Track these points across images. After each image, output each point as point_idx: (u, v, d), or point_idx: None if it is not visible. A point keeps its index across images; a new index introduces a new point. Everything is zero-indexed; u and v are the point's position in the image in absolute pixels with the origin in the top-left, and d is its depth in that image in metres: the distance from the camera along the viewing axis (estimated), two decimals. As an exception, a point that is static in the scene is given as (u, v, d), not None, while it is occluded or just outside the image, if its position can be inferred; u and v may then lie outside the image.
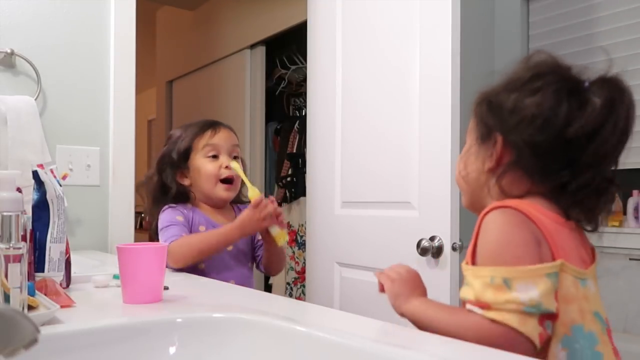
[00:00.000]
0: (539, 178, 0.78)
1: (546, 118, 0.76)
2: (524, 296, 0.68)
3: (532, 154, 0.77)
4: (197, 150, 1.43)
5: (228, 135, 1.47)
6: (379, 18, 1.72)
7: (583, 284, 0.75)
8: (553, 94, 0.76)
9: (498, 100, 0.81)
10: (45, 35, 1.67)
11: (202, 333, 0.75)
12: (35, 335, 0.41)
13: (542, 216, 0.76)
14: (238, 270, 1.43)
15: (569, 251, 0.76)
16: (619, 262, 2.12)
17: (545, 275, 0.70)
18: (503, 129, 0.80)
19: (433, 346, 0.67)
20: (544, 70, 0.79)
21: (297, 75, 3.59)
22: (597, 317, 0.76)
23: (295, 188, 3.35)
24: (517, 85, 0.80)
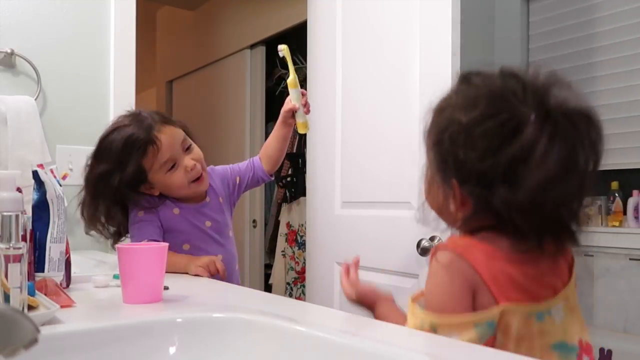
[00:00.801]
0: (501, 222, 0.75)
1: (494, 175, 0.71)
2: None
3: (489, 207, 0.73)
4: (152, 170, 1.28)
5: (171, 137, 1.30)
6: (379, 18, 1.72)
7: (540, 318, 0.74)
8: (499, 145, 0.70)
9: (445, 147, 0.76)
10: (46, 35, 1.67)
11: (202, 333, 0.75)
12: (35, 335, 0.41)
13: (490, 260, 0.73)
14: (221, 245, 1.40)
15: (521, 290, 0.74)
16: (619, 262, 2.12)
17: (474, 325, 0.71)
18: (457, 178, 0.76)
19: (433, 346, 0.67)
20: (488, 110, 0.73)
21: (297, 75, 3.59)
22: (557, 349, 0.74)
23: (295, 188, 3.35)
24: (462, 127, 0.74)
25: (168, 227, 1.36)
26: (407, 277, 1.56)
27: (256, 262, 3.56)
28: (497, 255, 0.75)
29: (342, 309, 1.26)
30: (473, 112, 0.74)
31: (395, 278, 1.61)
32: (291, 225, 3.35)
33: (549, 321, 0.75)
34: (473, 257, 0.74)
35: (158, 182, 1.31)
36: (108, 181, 1.26)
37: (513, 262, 0.75)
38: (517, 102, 0.72)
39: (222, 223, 1.43)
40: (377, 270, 1.67)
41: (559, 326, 0.76)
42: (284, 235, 3.37)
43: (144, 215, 1.32)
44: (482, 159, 0.72)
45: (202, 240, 1.38)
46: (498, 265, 0.74)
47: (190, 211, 1.38)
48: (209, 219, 1.40)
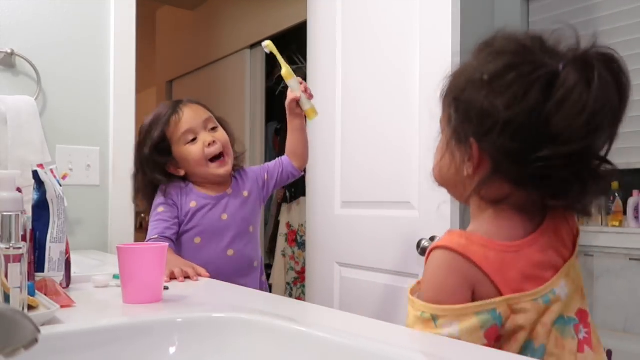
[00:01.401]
0: (519, 183, 0.74)
1: (521, 122, 0.69)
2: (445, 331, 0.71)
3: (511, 162, 0.72)
4: (175, 142, 1.38)
5: (193, 113, 1.40)
6: (379, 18, 1.72)
7: (546, 300, 0.74)
8: (524, 93, 0.68)
9: (466, 99, 0.74)
10: (46, 35, 1.67)
11: (202, 333, 0.75)
12: (35, 335, 0.41)
13: (487, 250, 0.73)
14: (236, 239, 1.41)
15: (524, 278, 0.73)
16: (619, 262, 2.12)
17: (474, 313, 0.71)
18: (476, 135, 0.73)
19: (433, 346, 0.67)
20: (510, 62, 0.70)
21: (297, 75, 3.59)
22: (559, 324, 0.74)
23: (295, 188, 3.35)
24: (485, 80, 0.71)
25: (183, 220, 1.39)
26: (407, 277, 1.56)
27: (256, 262, 3.56)
28: (497, 248, 0.74)
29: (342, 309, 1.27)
30: (497, 63, 0.71)
31: (395, 278, 1.61)
32: (291, 225, 3.35)
33: (555, 300, 0.75)
34: (473, 253, 0.73)
35: (179, 155, 1.38)
36: (141, 152, 1.39)
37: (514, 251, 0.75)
38: (545, 52, 0.70)
39: (242, 217, 1.44)
40: (377, 270, 1.67)
41: (564, 302, 0.76)
42: (284, 235, 3.37)
43: (162, 212, 1.36)
44: (509, 107, 0.69)
45: (214, 234, 1.40)
46: (499, 257, 0.73)
47: (207, 203, 1.40)
48: (226, 212, 1.41)
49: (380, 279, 1.66)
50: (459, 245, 0.74)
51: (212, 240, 1.39)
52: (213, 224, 1.39)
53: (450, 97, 0.78)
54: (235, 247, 1.40)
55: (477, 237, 0.75)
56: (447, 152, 0.79)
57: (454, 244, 0.74)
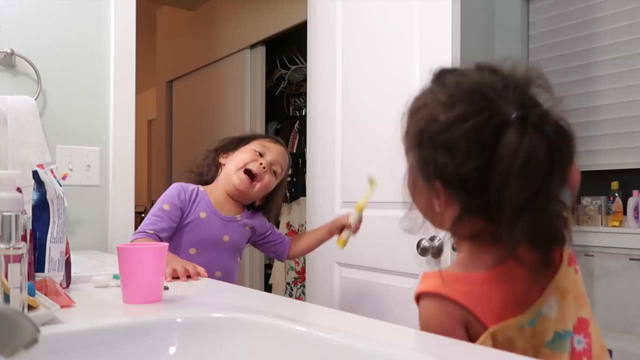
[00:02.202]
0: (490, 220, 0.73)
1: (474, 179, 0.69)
2: None
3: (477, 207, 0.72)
4: (252, 144, 1.49)
5: (282, 153, 1.52)
6: (379, 18, 1.72)
7: (532, 323, 0.73)
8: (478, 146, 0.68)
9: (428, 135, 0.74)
10: (46, 35, 1.67)
11: (202, 333, 0.75)
12: (35, 335, 0.41)
13: (471, 288, 0.73)
14: (227, 262, 1.47)
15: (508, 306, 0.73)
16: (619, 262, 2.12)
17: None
18: (440, 180, 0.74)
19: (433, 346, 0.67)
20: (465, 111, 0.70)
21: (297, 75, 3.59)
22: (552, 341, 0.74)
23: (295, 188, 3.35)
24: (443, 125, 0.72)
25: (186, 225, 1.41)
26: (407, 277, 1.56)
27: (256, 262, 3.56)
28: (478, 280, 0.74)
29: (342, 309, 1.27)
30: (452, 112, 0.71)
31: (395, 278, 1.61)
32: (291, 225, 3.35)
33: (541, 321, 0.74)
34: (452, 292, 0.73)
35: (243, 149, 1.48)
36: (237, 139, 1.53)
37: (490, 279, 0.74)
38: (497, 98, 0.70)
39: (239, 246, 1.51)
40: (377, 270, 1.67)
41: (553, 320, 0.75)
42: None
43: (167, 211, 1.38)
44: (462, 163, 0.70)
45: (211, 250, 1.43)
46: (476, 289, 0.73)
47: (216, 220, 1.44)
48: (228, 234, 1.46)
49: (381, 279, 1.66)
50: (438, 287, 0.74)
51: (206, 255, 1.41)
52: (213, 241, 1.43)
53: (410, 142, 0.79)
54: (223, 269, 1.44)
55: (451, 274, 0.75)
56: (419, 190, 0.80)
57: (433, 287, 0.75)
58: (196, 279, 1.14)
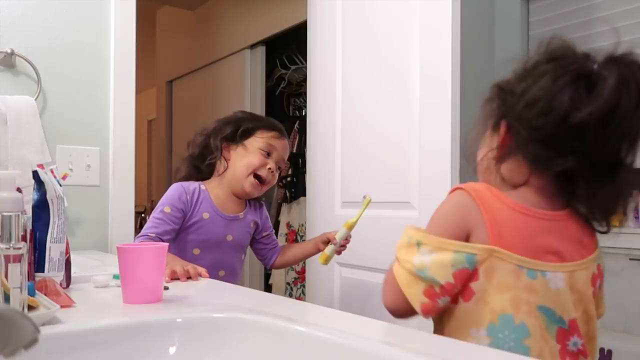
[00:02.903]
0: (540, 165, 0.76)
1: (547, 102, 0.73)
2: (418, 259, 0.75)
3: (531, 139, 0.75)
4: (257, 139, 1.45)
5: (286, 147, 1.50)
6: (379, 18, 1.72)
7: (532, 275, 0.74)
8: (558, 78, 0.73)
9: (509, 86, 0.80)
10: (46, 35, 1.67)
11: (202, 333, 0.75)
12: (35, 335, 0.41)
13: (499, 203, 0.76)
14: (231, 260, 1.47)
15: (520, 241, 0.74)
16: (619, 262, 2.12)
17: (453, 251, 0.74)
18: (507, 113, 0.78)
19: (433, 346, 0.67)
20: (554, 55, 0.77)
21: (297, 75, 3.59)
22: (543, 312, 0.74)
23: (295, 188, 3.35)
24: (527, 71, 0.78)
25: (189, 226, 1.41)
26: (407, 277, 1.56)
27: (256, 262, 3.55)
28: (510, 205, 0.76)
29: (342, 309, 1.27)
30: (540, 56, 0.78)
31: (395, 278, 1.61)
32: (291, 225, 3.35)
33: (541, 282, 0.74)
34: (482, 199, 0.76)
35: (246, 147, 1.45)
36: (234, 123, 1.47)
37: (526, 214, 0.75)
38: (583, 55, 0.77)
39: (243, 243, 1.50)
40: (377, 270, 1.67)
41: (553, 292, 0.75)
42: (284, 235, 3.37)
43: (168, 213, 1.37)
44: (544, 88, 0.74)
45: (215, 250, 1.43)
46: (506, 212, 0.75)
47: (220, 220, 1.44)
48: (232, 233, 1.45)
49: (380, 279, 1.65)
50: (474, 190, 0.77)
51: (210, 255, 1.42)
52: (217, 241, 1.43)
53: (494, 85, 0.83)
54: (227, 268, 1.45)
55: (497, 192, 0.78)
56: (484, 141, 0.84)
57: (471, 187, 0.78)
58: (196, 279, 1.14)
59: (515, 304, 0.73)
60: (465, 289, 0.75)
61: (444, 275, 0.73)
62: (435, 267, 0.74)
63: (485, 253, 0.73)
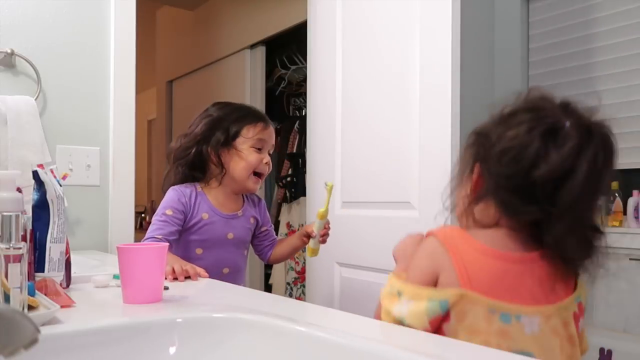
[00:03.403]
0: (507, 212, 0.78)
1: (518, 152, 0.75)
2: (397, 310, 0.77)
3: (500, 185, 0.77)
4: (246, 138, 1.45)
5: (271, 133, 1.51)
6: (379, 18, 1.72)
7: (506, 319, 0.73)
8: (531, 130, 0.75)
9: (485, 131, 0.82)
10: (46, 35, 1.67)
11: (202, 333, 0.75)
12: (35, 335, 0.41)
13: (467, 246, 0.77)
14: (234, 257, 1.48)
15: (491, 284, 0.74)
16: (619, 262, 2.12)
17: (427, 299, 0.75)
18: (480, 158, 0.81)
19: (433, 347, 0.67)
20: (532, 105, 0.79)
21: (297, 75, 3.59)
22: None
23: (295, 188, 3.35)
24: (504, 118, 0.80)
25: (190, 227, 1.42)
26: (407, 277, 1.56)
27: (256, 262, 3.56)
28: (478, 248, 0.77)
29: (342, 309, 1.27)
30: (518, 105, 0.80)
31: (395, 278, 1.61)
32: (291, 225, 3.35)
33: (516, 327, 0.74)
34: (451, 243, 0.77)
35: (239, 149, 1.44)
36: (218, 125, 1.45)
37: (496, 257, 0.76)
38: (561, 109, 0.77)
39: (244, 239, 1.51)
40: (377, 270, 1.67)
41: (529, 337, 0.74)
42: (284, 235, 3.37)
43: (170, 216, 1.38)
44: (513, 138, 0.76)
45: (217, 249, 1.45)
46: (474, 255, 0.76)
47: (219, 219, 1.45)
48: (232, 231, 1.47)
49: (380, 279, 1.65)
50: (444, 235, 0.79)
51: (213, 253, 1.43)
52: (218, 240, 1.44)
53: (473, 131, 0.85)
54: (230, 266, 1.46)
55: (467, 235, 0.79)
56: (461, 186, 0.86)
57: (442, 233, 0.80)
58: (195, 279, 1.14)
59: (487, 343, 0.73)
60: (439, 330, 0.76)
61: (421, 323, 0.75)
62: (411, 317, 0.75)
63: (455, 297, 0.74)
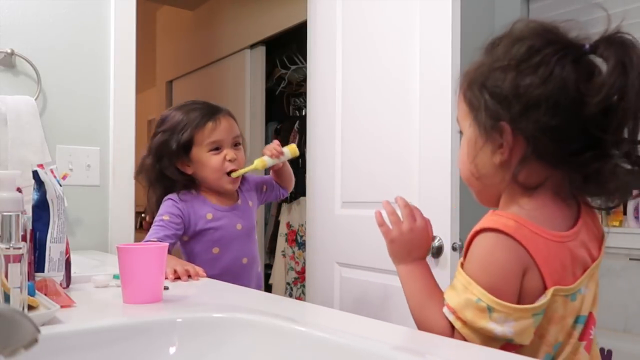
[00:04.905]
0: (558, 164, 0.71)
1: (557, 98, 0.67)
2: (499, 329, 0.67)
3: (549, 140, 0.69)
4: (200, 144, 1.40)
5: (229, 126, 1.44)
6: (379, 18, 1.72)
7: (573, 298, 0.72)
8: (558, 69, 0.67)
9: (494, 83, 0.72)
10: (46, 35, 1.67)
11: (202, 333, 0.75)
12: (35, 335, 0.41)
13: (539, 238, 0.70)
14: (249, 246, 1.48)
15: (564, 270, 0.71)
16: (619, 262, 2.12)
17: (532, 314, 0.68)
18: (510, 117, 0.70)
19: (433, 346, 0.67)
20: (537, 41, 0.70)
21: (297, 75, 3.59)
22: (576, 323, 0.74)
23: (295, 188, 3.35)
24: (511, 64, 0.70)
25: (199, 232, 1.42)
26: (407, 277, 1.56)
27: (256, 262, 3.56)
28: (545, 235, 0.70)
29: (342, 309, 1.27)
30: (520, 48, 0.70)
31: (395, 278, 1.60)
32: (291, 225, 3.35)
33: (580, 299, 0.73)
34: (524, 238, 0.69)
35: (198, 158, 1.40)
36: (164, 141, 1.39)
37: (559, 241, 0.71)
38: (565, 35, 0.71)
39: (250, 225, 1.51)
40: (377, 270, 1.67)
41: (588, 298, 0.75)
42: (284, 235, 3.37)
43: (167, 221, 1.37)
44: (542, 84, 0.67)
45: (232, 243, 1.45)
46: (546, 245, 0.70)
47: (223, 214, 1.44)
48: (240, 222, 1.47)
49: (380, 279, 1.65)
50: (508, 228, 0.69)
51: (229, 249, 1.43)
52: (231, 234, 1.45)
53: (476, 86, 0.74)
54: (248, 255, 1.47)
55: (525, 221, 0.70)
56: (478, 147, 0.75)
57: (503, 226, 0.69)
58: (196, 279, 1.14)
59: (565, 330, 0.72)
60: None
61: (529, 337, 0.69)
62: (519, 336, 0.68)
63: (549, 300, 0.69)
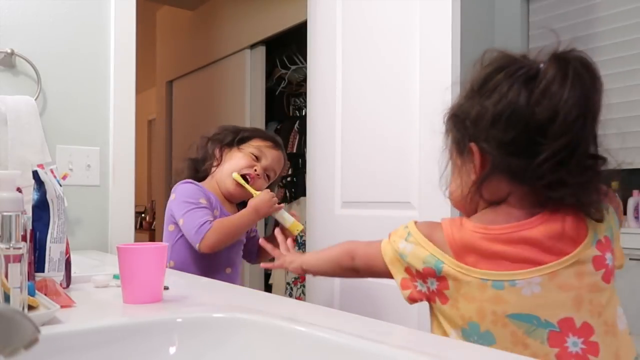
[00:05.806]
0: (519, 177, 0.77)
1: (509, 114, 0.74)
2: (402, 245, 0.86)
3: (506, 154, 0.76)
4: (250, 146, 1.51)
5: (279, 159, 1.55)
6: (379, 18, 1.72)
7: (498, 286, 0.76)
8: (509, 88, 0.75)
9: (462, 110, 0.82)
10: (46, 35, 1.67)
11: (202, 333, 0.75)
12: (35, 335, 0.41)
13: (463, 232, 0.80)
14: (235, 257, 1.51)
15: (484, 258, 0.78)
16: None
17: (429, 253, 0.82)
18: (473, 138, 0.79)
19: (432, 346, 0.67)
20: (496, 67, 0.78)
21: (297, 75, 3.59)
22: (519, 319, 0.75)
23: (295, 188, 3.36)
24: (475, 91, 0.79)
25: None
26: (407, 277, 1.56)
27: (256, 262, 3.56)
28: (475, 230, 0.79)
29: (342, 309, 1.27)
30: (486, 70, 0.79)
31: (395, 278, 1.61)
32: (291, 225, 3.35)
33: (511, 291, 0.75)
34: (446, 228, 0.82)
35: (237, 151, 1.50)
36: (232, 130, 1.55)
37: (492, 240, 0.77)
38: (525, 59, 0.77)
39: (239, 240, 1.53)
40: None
41: (529, 298, 0.75)
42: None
43: (205, 204, 1.41)
44: (497, 103, 0.75)
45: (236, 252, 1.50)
46: (470, 237, 0.79)
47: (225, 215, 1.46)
48: None
49: (380, 279, 1.65)
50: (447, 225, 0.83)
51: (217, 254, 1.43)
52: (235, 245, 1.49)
53: (451, 117, 0.85)
54: (232, 266, 1.49)
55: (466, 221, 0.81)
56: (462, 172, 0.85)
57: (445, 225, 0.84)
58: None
59: (481, 313, 0.77)
60: (441, 294, 0.81)
61: (418, 265, 0.83)
62: (411, 257, 0.84)
63: (451, 266, 0.79)
